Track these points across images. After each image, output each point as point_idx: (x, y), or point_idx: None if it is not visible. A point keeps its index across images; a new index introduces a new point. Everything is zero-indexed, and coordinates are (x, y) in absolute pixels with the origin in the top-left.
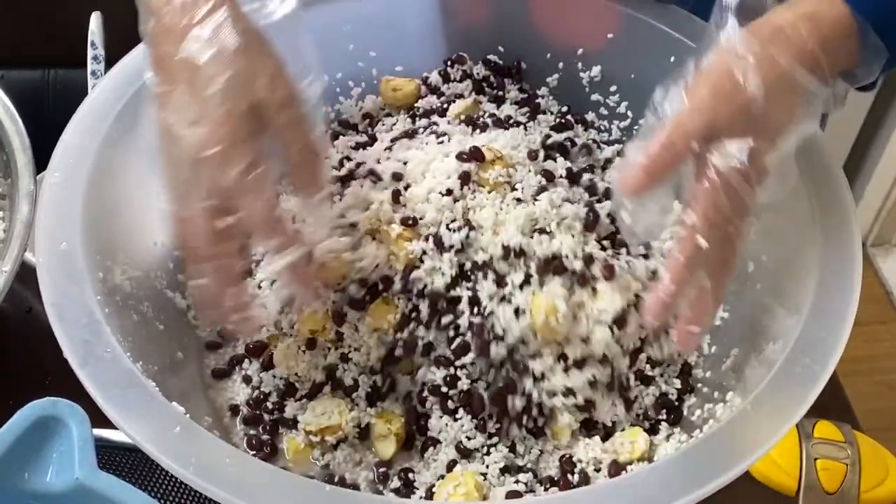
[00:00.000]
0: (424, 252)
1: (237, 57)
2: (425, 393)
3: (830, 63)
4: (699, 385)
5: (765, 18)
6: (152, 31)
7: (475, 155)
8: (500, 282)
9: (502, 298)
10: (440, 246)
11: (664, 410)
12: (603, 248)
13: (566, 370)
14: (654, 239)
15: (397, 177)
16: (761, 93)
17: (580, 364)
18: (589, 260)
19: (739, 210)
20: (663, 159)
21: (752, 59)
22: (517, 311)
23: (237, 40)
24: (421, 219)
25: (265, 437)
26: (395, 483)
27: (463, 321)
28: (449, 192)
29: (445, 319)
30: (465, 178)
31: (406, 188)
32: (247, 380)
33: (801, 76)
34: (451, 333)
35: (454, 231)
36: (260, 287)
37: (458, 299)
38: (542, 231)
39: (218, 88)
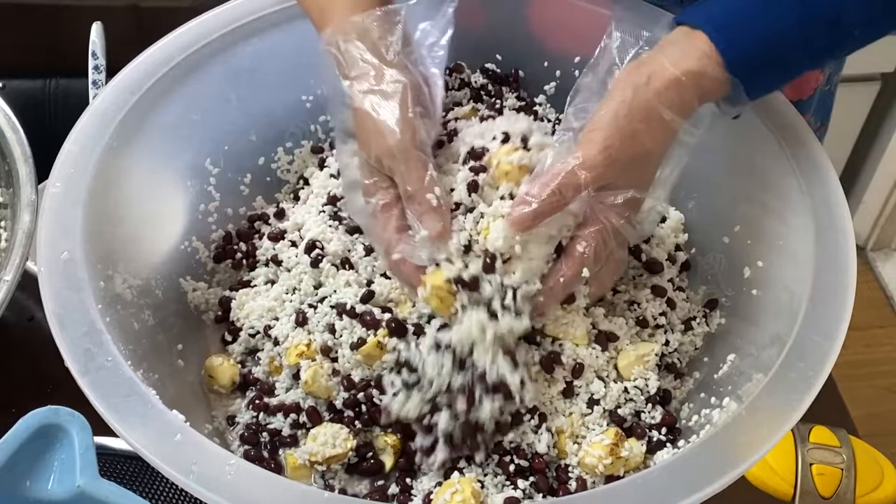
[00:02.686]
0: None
1: None
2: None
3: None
4: (695, 391)
5: (657, 66)
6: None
7: (477, 156)
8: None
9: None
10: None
11: (664, 429)
12: None
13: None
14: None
15: None
16: (648, 151)
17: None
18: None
19: (622, 244)
20: (551, 205)
21: (640, 121)
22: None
23: None
24: None
25: (265, 453)
26: (394, 489)
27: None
28: (457, 206)
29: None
30: (473, 187)
31: None
32: (250, 404)
33: (684, 131)
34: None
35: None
36: (254, 285)
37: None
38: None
39: None
